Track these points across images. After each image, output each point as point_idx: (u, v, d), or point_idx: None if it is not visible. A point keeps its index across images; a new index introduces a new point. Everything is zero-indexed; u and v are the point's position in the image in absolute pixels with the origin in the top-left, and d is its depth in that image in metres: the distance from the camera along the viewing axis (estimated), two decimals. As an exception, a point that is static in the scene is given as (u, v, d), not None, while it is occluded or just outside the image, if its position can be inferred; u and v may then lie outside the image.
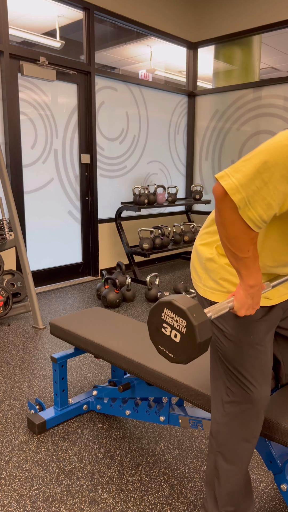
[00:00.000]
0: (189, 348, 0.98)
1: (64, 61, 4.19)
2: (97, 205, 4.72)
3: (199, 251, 1.32)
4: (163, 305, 1.03)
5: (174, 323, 1.01)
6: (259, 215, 1.02)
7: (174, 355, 1.02)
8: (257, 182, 0.99)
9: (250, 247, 1.09)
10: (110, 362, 1.76)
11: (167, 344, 1.03)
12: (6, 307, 3.35)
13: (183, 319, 0.99)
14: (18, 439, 1.94)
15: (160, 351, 1.05)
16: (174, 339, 1.01)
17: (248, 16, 4.97)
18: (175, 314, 1.00)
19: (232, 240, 1.08)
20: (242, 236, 1.06)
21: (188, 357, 0.99)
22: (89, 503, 1.56)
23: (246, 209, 1.02)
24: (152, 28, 4.97)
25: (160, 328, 1.04)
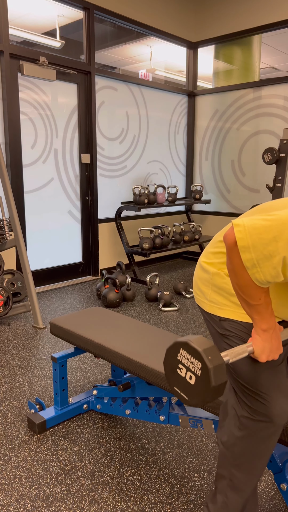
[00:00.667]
0: (204, 391, 0.95)
1: (64, 61, 4.19)
2: (97, 204, 4.72)
3: (205, 267, 1.29)
4: (179, 345, 1.01)
5: (190, 364, 0.98)
6: (266, 279, 1.01)
7: (188, 397, 0.99)
8: (270, 248, 0.96)
9: (261, 295, 1.07)
10: (110, 361, 1.77)
11: (182, 386, 1.00)
12: (6, 306, 3.36)
13: (198, 361, 0.96)
14: (18, 438, 1.94)
15: (174, 392, 1.02)
16: (189, 381, 0.98)
17: (248, 16, 4.98)
18: (190, 355, 0.98)
19: (243, 288, 1.06)
20: (253, 285, 1.05)
21: (202, 401, 0.96)
22: (89, 502, 1.56)
23: (254, 270, 1.01)
24: (152, 28, 4.97)
25: (175, 369, 1.01)
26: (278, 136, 4.99)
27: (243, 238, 0.98)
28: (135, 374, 1.66)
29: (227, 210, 5.57)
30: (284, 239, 0.95)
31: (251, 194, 5.32)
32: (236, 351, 1.06)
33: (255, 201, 5.27)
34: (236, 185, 5.45)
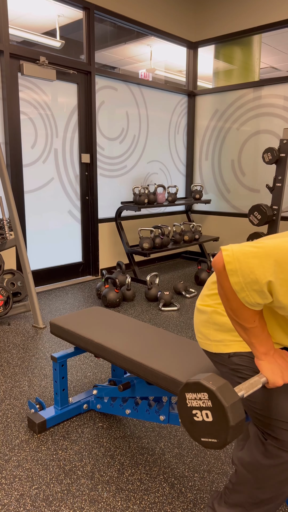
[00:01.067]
0: (222, 417, 0.92)
1: (64, 60, 4.19)
2: (97, 204, 4.72)
3: (202, 309, 1.31)
4: (182, 392, 0.99)
5: (199, 402, 0.97)
6: (255, 301, 1.04)
7: (216, 438, 0.95)
8: (257, 273, 0.99)
9: (255, 317, 1.09)
10: (110, 361, 1.77)
11: (206, 431, 0.96)
12: (6, 306, 3.36)
13: (204, 392, 0.95)
14: (19, 438, 1.94)
15: (205, 444, 0.97)
16: (207, 420, 0.96)
17: (248, 16, 4.98)
18: (195, 393, 0.97)
19: (236, 311, 1.08)
20: (245, 308, 1.07)
21: (224, 442, 0.93)
22: (89, 502, 1.57)
23: (243, 293, 1.03)
24: (152, 27, 4.97)
25: (192, 418, 0.98)
26: (278, 136, 4.99)
27: (231, 262, 1.01)
28: (135, 374, 1.66)
29: (227, 210, 5.57)
30: (270, 264, 0.98)
31: (251, 194, 5.32)
32: (249, 384, 1.05)
33: (255, 201, 5.27)
34: (236, 185, 5.45)
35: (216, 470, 1.74)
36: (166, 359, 1.63)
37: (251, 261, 0.99)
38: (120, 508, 1.54)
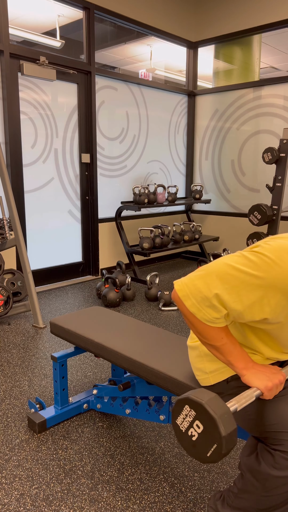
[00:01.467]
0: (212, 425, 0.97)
1: (64, 60, 4.19)
2: (97, 204, 4.72)
3: (192, 345, 1.38)
4: (174, 419, 1.04)
5: (188, 418, 1.02)
6: (212, 316, 1.12)
7: (216, 442, 0.98)
8: (204, 290, 1.10)
9: (221, 334, 1.16)
10: (110, 361, 1.77)
11: (205, 444, 0.99)
12: (6, 306, 3.36)
13: (190, 408, 1.01)
14: (19, 438, 1.94)
15: (213, 457, 0.99)
16: (199, 431, 1.00)
17: (248, 16, 4.98)
18: (183, 414, 1.02)
19: (203, 333, 1.16)
20: (209, 327, 1.15)
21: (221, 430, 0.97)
22: (89, 501, 1.57)
23: (200, 313, 1.12)
24: (152, 27, 4.97)
25: (191, 440, 1.02)
26: (278, 135, 4.99)
27: (182, 289, 1.14)
28: (135, 374, 1.66)
29: (227, 210, 5.57)
30: (212, 280, 1.09)
31: (251, 193, 5.32)
32: (242, 397, 1.08)
33: (255, 201, 5.27)
34: (236, 185, 5.45)
35: (216, 470, 1.74)
36: (166, 359, 1.63)
37: (197, 282, 1.11)
38: (120, 508, 1.54)
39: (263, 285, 1.05)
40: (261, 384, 1.13)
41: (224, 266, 1.10)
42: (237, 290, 1.07)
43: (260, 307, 1.07)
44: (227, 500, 1.25)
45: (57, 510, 1.53)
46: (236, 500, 1.22)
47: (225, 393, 1.31)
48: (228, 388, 1.30)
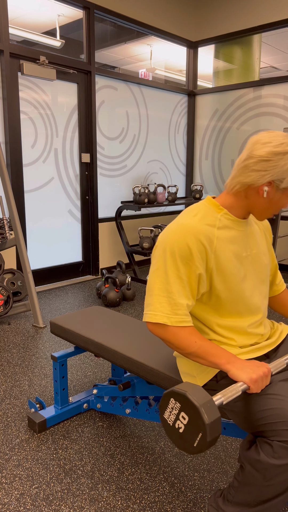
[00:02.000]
0: (196, 414, 1.01)
1: (64, 60, 4.19)
2: (97, 204, 4.72)
3: (177, 354, 1.43)
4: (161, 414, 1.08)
5: (174, 411, 1.05)
6: (182, 313, 1.24)
7: (200, 431, 1.01)
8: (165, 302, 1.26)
9: (193, 338, 1.23)
10: (110, 360, 1.77)
11: (191, 434, 1.03)
12: (6, 306, 3.36)
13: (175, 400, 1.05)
14: (19, 437, 1.94)
15: (198, 447, 1.02)
16: (185, 422, 1.03)
17: (248, 15, 4.97)
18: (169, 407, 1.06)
19: (180, 345, 1.23)
20: (179, 334, 1.23)
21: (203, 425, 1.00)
22: (89, 501, 1.57)
23: (171, 319, 1.23)
24: (152, 27, 4.97)
25: (179, 432, 1.05)
26: (278, 135, 4.98)
27: (152, 318, 1.26)
28: (135, 373, 1.66)
29: (227, 210, 5.56)
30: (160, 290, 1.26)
31: (251, 193, 5.31)
32: (228, 391, 1.11)
33: (255, 201, 5.27)
34: (236, 185, 5.45)
35: (216, 469, 1.74)
36: (166, 359, 1.63)
37: (155, 301, 1.26)
38: (120, 507, 1.54)
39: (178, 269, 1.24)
40: (246, 376, 1.14)
41: (154, 277, 1.27)
42: (174, 284, 1.24)
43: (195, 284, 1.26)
44: (227, 496, 1.25)
45: (57, 509, 1.53)
46: (237, 495, 1.22)
47: (218, 391, 1.32)
48: (219, 386, 1.31)
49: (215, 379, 1.31)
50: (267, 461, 1.13)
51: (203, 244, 1.23)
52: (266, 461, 1.13)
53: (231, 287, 1.28)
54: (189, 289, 1.25)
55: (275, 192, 1.25)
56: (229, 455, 1.83)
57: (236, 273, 1.29)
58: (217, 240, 1.26)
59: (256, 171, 1.21)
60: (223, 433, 1.51)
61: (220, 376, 1.30)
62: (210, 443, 1.00)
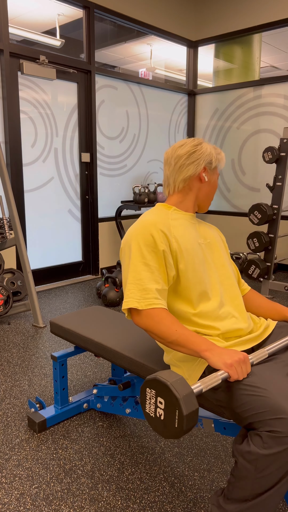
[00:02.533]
0: (168, 392, 1.03)
1: (64, 59, 4.19)
2: (97, 204, 4.72)
3: (167, 360, 1.51)
4: (144, 410, 1.11)
5: (152, 400, 1.08)
6: (151, 296, 1.32)
7: (177, 408, 1.03)
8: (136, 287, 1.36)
9: (174, 326, 1.30)
10: (110, 360, 1.77)
11: (170, 416, 1.04)
12: (6, 305, 3.36)
13: (150, 388, 1.08)
14: (19, 437, 1.94)
15: (179, 426, 1.04)
16: (163, 407, 1.05)
17: (248, 15, 4.97)
18: (148, 398, 1.09)
19: (162, 334, 1.30)
20: (160, 323, 1.30)
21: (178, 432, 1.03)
22: (89, 501, 1.57)
23: (141, 303, 1.33)
24: (152, 26, 4.97)
25: (161, 420, 1.07)
26: (278, 135, 4.99)
27: (128, 304, 1.35)
28: (135, 373, 1.66)
29: (227, 209, 5.57)
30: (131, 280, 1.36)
31: (251, 193, 5.32)
32: (208, 379, 1.14)
33: (255, 200, 5.27)
34: (236, 184, 5.45)
35: (216, 469, 1.74)
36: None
37: (130, 288, 1.36)
38: (120, 507, 1.54)
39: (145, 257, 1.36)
40: (222, 362, 1.20)
41: (125, 273, 1.41)
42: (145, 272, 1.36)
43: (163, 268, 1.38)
44: (227, 494, 1.26)
45: (57, 509, 1.53)
46: (235, 491, 1.23)
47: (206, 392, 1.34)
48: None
49: (203, 376, 1.34)
50: (257, 452, 1.15)
51: (163, 232, 1.38)
52: (256, 452, 1.15)
53: (195, 267, 1.41)
54: (158, 273, 1.35)
55: (211, 174, 1.50)
56: (229, 455, 1.83)
57: (196, 254, 1.43)
58: (173, 228, 1.42)
59: (191, 163, 1.45)
60: (223, 433, 1.51)
61: (208, 370, 1.34)
62: (188, 418, 1.01)
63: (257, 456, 1.15)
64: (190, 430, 1.04)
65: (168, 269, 1.38)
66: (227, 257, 1.56)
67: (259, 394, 1.18)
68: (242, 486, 1.21)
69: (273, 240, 3.94)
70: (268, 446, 1.14)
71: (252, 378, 1.23)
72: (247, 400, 1.20)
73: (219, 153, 1.51)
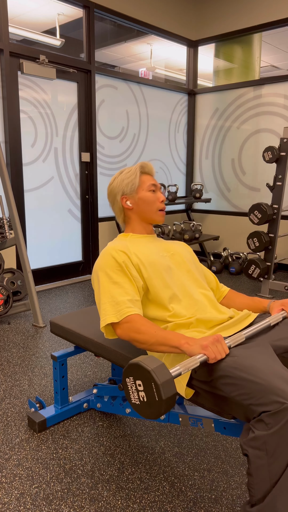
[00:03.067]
0: (139, 369, 1.10)
1: (64, 59, 4.19)
2: (97, 203, 4.72)
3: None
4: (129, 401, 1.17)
5: (133, 388, 1.14)
6: (124, 306, 1.45)
7: (152, 381, 1.08)
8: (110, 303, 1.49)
9: (153, 328, 1.39)
10: (110, 360, 1.77)
11: (149, 392, 1.10)
12: (6, 305, 3.36)
13: (128, 376, 1.14)
14: (19, 437, 1.94)
15: (159, 398, 1.08)
16: (143, 388, 1.11)
17: (249, 14, 4.97)
18: (129, 387, 1.15)
19: (143, 338, 1.40)
20: (142, 328, 1.40)
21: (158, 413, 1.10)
22: (89, 500, 1.57)
23: (117, 315, 1.45)
24: (152, 26, 4.96)
25: (145, 402, 1.12)
26: (279, 134, 4.98)
27: (107, 321, 1.47)
28: (135, 373, 1.66)
29: (227, 209, 5.57)
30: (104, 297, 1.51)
31: (252, 193, 5.32)
32: (186, 362, 1.20)
33: (255, 200, 5.27)
34: (236, 184, 5.45)
35: (216, 469, 1.74)
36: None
37: (104, 308, 1.50)
38: (120, 507, 1.54)
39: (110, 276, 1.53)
40: (198, 346, 1.27)
41: (97, 298, 1.56)
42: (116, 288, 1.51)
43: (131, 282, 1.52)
44: (251, 500, 1.25)
45: (57, 509, 1.53)
46: (255, 492, 1.21)
47: (203, 382, 1.36)
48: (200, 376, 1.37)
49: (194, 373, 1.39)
50: (262, 434, 1.17)
51: (122, 251, 1.56)
52: (262, 435, 1.17)
53: (160, 275, 1.56)
54: (127, 286, 1.50)
55: (134, 196, 1.67)
56: (229, 455, 1.83)
57: (160, 264, 1.58)
58: (132, 246, 1.60)
59: (113, 201, 1.71)
60: (223, 432, 1.51)
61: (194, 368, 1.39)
62: (163, 386, 1.06)
63: (264, 439, 1.17)
64: (172, 402, 1.09)
65: (136, 281, 1.52)
66: (194, 265, 1.71)
67: (246, 378, 1.21)
68: (260, 478, 1.20)
69: (273, 239, 3.94)
70: (271, 425, 1.16)
71: (237, 363, 1.26)
72: (236, 388, 1.23)
73: (131, 172, 1.68)
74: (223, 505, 1.55)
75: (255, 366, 1.24)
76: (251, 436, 1.20)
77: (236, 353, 1.31)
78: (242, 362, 1.26)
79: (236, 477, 1.70)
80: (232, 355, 1.30)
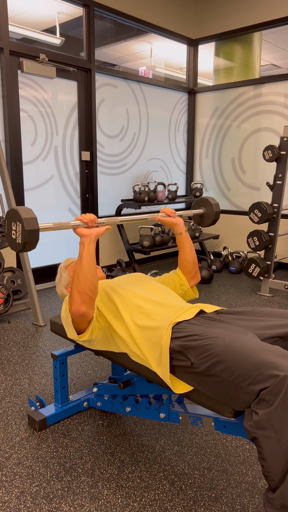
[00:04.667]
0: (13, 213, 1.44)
1: (64, 58, 4.18)
2: (97, 202, 4.72)
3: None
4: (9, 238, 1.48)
5: (13, 229, 1.45)
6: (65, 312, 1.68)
7: (17, 218, 1.43)
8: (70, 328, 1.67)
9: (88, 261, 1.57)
10: (110, 359, 1.77)
11: (20, 226, 1.42)
12: (6, 304, 3.36)
13: (8, 221, 1.47)
14: (19, 435, 1.94)
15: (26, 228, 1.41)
16: (18, 228, 1.43)
17: (249, 13, 4.96)
18: (13, 230, 1.46)
19: (76, 285, 1.56)
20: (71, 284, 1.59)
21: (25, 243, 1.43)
22: (89, 499, 1.57)
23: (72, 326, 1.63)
24: (152, 25, 4.96)
25: (17, 238, 1.45)
26: (279, 133, 4.98)
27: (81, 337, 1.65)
28: (135, 372, 1.66)
29: (227, 208, 5.56)
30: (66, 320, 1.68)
31: (252, 192, 5.31)
32: (62, 223, 1.52)
33: (255, 199, 5.27)
34: (236, 183, 5.45)
35: (216, 468, 1.75)
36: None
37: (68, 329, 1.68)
38: (120, 505, 1.54)
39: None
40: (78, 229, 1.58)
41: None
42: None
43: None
44: (271, 485, 1.22)
45: (57, 507, 1.53)
46: (273, 476, 1.20)
47: (183, 351, 1.42)
48: (178, 347, 1.43)
49: (171, 350, 1.45)
50: (266, 412, 1.19)
51: None
52: (266, 413, 1.19)
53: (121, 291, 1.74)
54: None
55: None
56: (229, 453, 1.84)
57: (119, 284, 1.79)
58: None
59: (61, 292, 1.96)
60: (223, 431, 1.51)
61: (172, 344, 1.46)
62: (27, 221, 1.39)
63: (269, 416, 1.19)
64: (35, 235, 1.42)
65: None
66: (154, 283, 1.95)
67: (242, 358, 1.25)
68: (274, 459, 1.19)
69: (273, 238, 3.94)
70: (272, 401, 1.18)
71: (229, 347, 1.30)
72: (235, 370, 1.26)
73: (67, 261, 2.01)
74: (223, 503, 1.56)
75: (246, 345, 1.29)
76: (256, 418, 1.21)
77: (227, 336, 1.36)
78: (234, 344, 1.31)
79: (236, 476, 1.70)
80: (223, 338, 1.36)
